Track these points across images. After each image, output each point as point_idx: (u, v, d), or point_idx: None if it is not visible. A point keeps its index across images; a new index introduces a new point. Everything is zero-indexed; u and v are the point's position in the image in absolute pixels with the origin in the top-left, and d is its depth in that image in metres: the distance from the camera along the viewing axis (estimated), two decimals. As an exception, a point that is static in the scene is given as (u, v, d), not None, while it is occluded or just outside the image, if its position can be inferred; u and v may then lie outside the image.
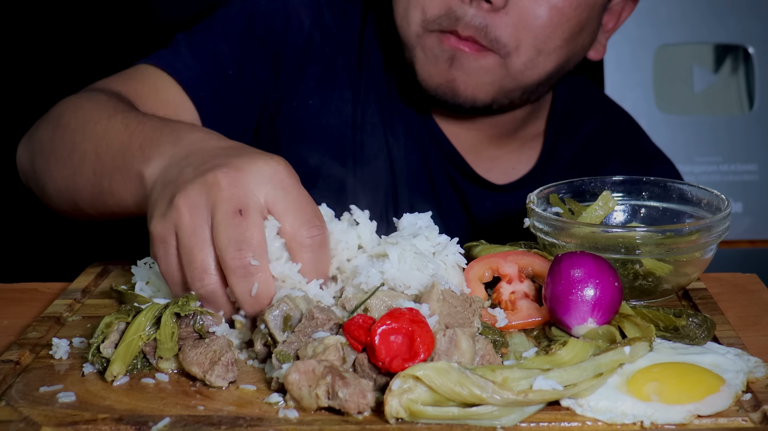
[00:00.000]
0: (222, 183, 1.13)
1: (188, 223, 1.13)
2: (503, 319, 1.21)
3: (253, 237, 1.13)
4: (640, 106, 2.60)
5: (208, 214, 1.13)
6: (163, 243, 1.16)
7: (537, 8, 1.58)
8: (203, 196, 1.14)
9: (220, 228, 1.12)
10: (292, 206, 1.16)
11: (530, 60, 1.61)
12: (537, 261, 1.29)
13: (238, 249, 1.12)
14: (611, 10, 1.74)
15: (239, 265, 1.12)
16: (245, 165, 1.16)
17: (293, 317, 1.13)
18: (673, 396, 1.03)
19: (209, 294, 1.15)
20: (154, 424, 1.02)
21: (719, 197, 1.35)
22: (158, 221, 1.16)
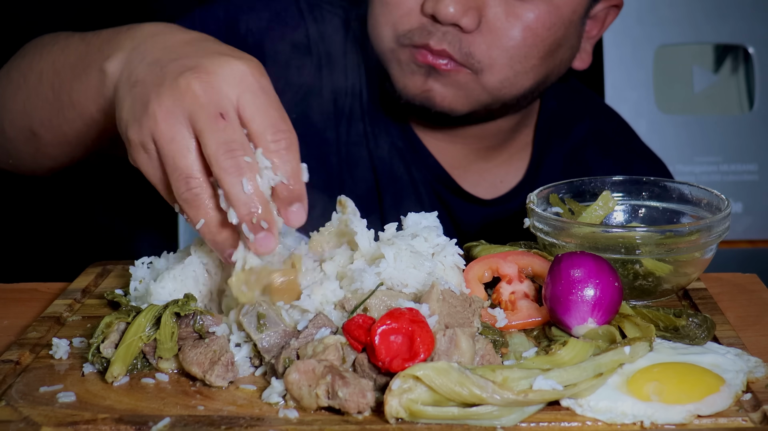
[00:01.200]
0: (196, 88, 1.12)
1: (166, 131, 1.12)
2: (503, 319, 1.21)
3: (240, 139, 1.12)
4: (640, 106, 2.60)
5: (185, 119, 1.12)
6: (144, 149, 1.15)
7: (510, 29, 1.57)
8: (177, 101, 1.12)
9: (207, 134, 1.11)
10: (258, 110, 1.14)
11: (506, 78, 1.60)
12: (537, 262, 1.29)
13: (230, 149, 1.11)
14: (594, 17, 1.72)
15: (233, 164, 1.10)
16: (215, 67, 1.14)
17: (267, 315, 1.13)
18: (673, 396, 1.03)
19: (194, 197, 1.12)
20: (154, 424, 1.02)
21: (719, 197, 1.35)
22: (134, 128, 1.15)
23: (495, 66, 1.58)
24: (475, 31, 1.56)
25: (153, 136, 1.13)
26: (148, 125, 1.13)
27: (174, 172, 1.12)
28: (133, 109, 1.15)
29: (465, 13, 1.54)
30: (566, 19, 1.61)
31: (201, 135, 1.11)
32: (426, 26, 1.57)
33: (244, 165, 1.11)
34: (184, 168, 1.12)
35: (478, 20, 1.55)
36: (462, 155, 1.79)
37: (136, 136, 1.14)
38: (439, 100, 1.62)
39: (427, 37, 1.57)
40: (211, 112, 1.12)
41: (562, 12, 1.60)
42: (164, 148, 1.12)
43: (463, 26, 1.54)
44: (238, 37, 1.72)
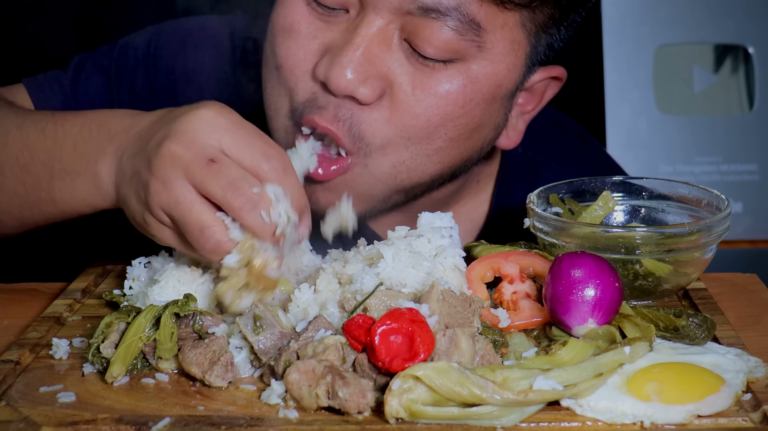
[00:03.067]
0: (176, 150, 1.14)
1: (169, 197, 1.15)
2: (506, 319, 1.21)
3: (238, 173, 1.14)
4: (640, 106, 2.60)
5: (183, 181, 1.14)
6: (162, 225, 1.18)
7: (414, 105, 1.31)
8: (168, 169, 1.14)
9: (207, 183, 1.13)
10: (243, 145, 1.16)
11: (401, 163, 1.35)
12: (538, 262, 1.29)
13: (235, 188, 1.12)
14: (532, 90, 1.45)
15: (245, 200, 1.12)
16: (185, 125, 1.16)
17: (264, 317, 1.13)
18: (673, 396, 1.03)
19: (215, 246, 1.14)
20: (154, 424, 1.02)
21: (719, 197, 1.35)
22: (145, 212, 1.18)
23: (388, 147, 1.33)
24: (372, 105, 1.31)
25: (163, 208, 1.16)
26: (155, 202, 1.16)
27: (188, 230, 1.15)
28: (138, 197, 1.19)
29: (363, 82, 1.28)
30: (487, 95, 1.34)
31: (203, 186, 1.14)
32: (317, 97, 1.32)
33: (255, 197, 1.13)
34: (194, 221, 1.14)
35: (379, 92, 1.30)
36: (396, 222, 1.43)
37: (151, 218, 1.18)
38: (324, 203, 1.35)
39: (315, 111, 1.32)
40: (201, 162, 1.14)
41: (482, 86, 1.32)
42: (174, 213, 1.15)
43: (360, 98, 1.29)
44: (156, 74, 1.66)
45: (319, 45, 1.33)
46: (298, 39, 1.34)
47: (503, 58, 1.33)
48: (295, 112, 1.35)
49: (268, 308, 1.15)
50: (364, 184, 1.37)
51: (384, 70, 1.30)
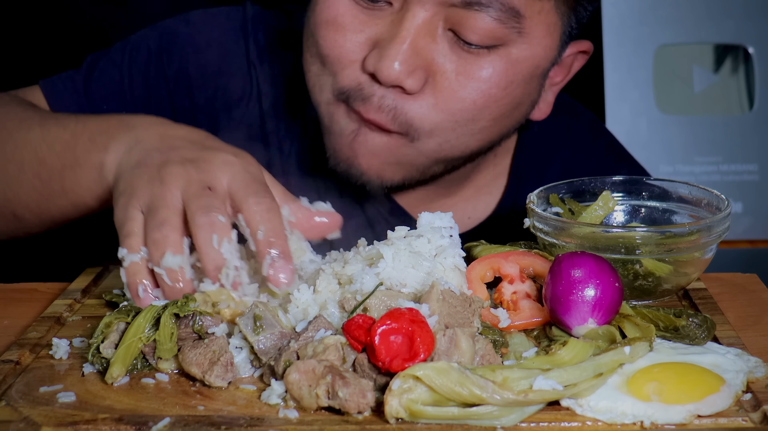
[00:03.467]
0: (192, 173, 1.19)
1: (159, 193, 1.18)
2: (506, 319, 1.21)
3: (220, 205, 1.17)
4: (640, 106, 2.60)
5: (178, 191, 1.18)
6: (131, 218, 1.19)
7: (459, 91, 1.37)
8: (175, 181, 1.18)
9: (192, 201, 1.17)
10: (243, 184, 1.19)
11: (446, 142, 1.42)
12: (538, 262, 1.29)
13: (208, 211, 1.15)
14: (561, 63, 1.53)
15: (207, 221, 1.15)
16: (212, 157, 1.21)
17: (264, 317, 1.13)
18: (673, 396, 1.03)
19: (162, 238, 1.15)
20: (154, 424, 1.02)
21: (719, 197, 1.35)
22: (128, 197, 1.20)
23: (435, 131, 1.40)
24: (418, 94, 1.37)
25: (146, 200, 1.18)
26: (141, 194, 1.19)
27: (153, 218, 1.16)
28: (131, 182, 1.21)
29: (411, 74, 1.34)
30: (526, 76, 1.41)
31: (187, 202, 1.17)
32: (363, 87, 1.38)
33: (218, 223, 1.15)
34: (162, 214, 1.16)
35: (424, 81, 1.36)
36: (422, 195, 1.61)
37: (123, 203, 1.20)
38: (365, 167, 1.44)
39: (361, 103, 1.38)
40: (200, 185, 1.18)
41: (522, 68, 1.40)
42: (153, 204, 1.17)
43: (407, 88, 1.35)
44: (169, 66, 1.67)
45: (366, 38, 1.39)
46: (345, 32, 1.39)
47: (540, 41, 1.40)
48: (339, 94, 1.42)
49: (268, 308, 1.15)
50: (408, 155, 1.43)
51: (429, 60, 1.36)
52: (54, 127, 1.41)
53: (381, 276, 1.18)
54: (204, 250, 1.15)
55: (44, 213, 1.44)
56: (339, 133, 1.44)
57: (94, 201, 1.35)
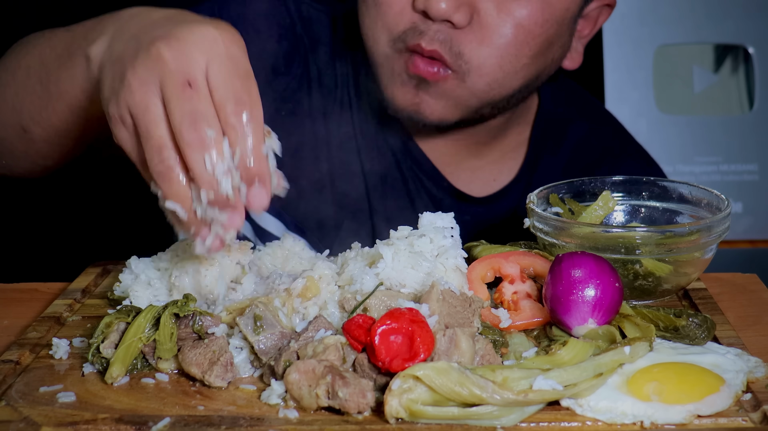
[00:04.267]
0: (165, 55, 1.11)
1: (140, 100, 1.11)
2: (507, 320, 1.21)
3: (206, 110, 1.10)
4: (640, 106, 2.60)
5: (157, 88, 1.11)
6: (122, 122, 1.14)
7: (502, 26, 1.54)
8: (149, 70, 1.11)
9: (172, 104, 1.09)
10: (223, 79, 1.12)
11: (494, 80, 1.57)
12: (538, 262, 1.29)
13: (193, 121, 1.09)
14: (587, 16, 1.69)
15: (195, 138, 1.08)
16: (186, 34, 1.13)
17: (264, 317, 1.13)
18: (673, 396, 1.03)
19: (166, 170, 1.10)
20: (154, 424, 1.02)
21: (719, 197, 1.35)
22: (112, 101, 1.14)
23: (483, 67, 1.55)
24: (466, 28, 1.53)
25: (129, 107, 1.11)
26: (124, 97, 1.11)
27: (147, 142, 1.10)
28: (112, 84, 1.15)
29: (457, 9, 1.51)
30: (559, 17, 1.58)
31: (168, 104, 1.10)
32: (417, 25, 1.55)
33: (208, 140, 1.08)
34: (157, 138, 1.10)
35: (470, 16, 1.53)
36: (453, 152, 1.77)
37: (114, 109, 1.13)
38: (428, 112, 1.60)
39: (419, 37, 1.54)
40: (178, 80, 1.10)
41: (555, 9, 1.57)
42: (138, 118, 1.11)
43: (455, 22, 1.51)
44: None
45: None
46: None
47: None
48: (397, 41, 1.56)
49: (268, 308, 1.15)
50: (462, 95, 1.58)
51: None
52: (60, 31, 1.40)
53: (381, 276, 1.18)
54: (197, 174, 1.09)
55: (45, 120, 1.40)
56: (401, 82, 1.59)
57: (85, 97, 1.30)
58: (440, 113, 1.60)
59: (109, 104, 1.14)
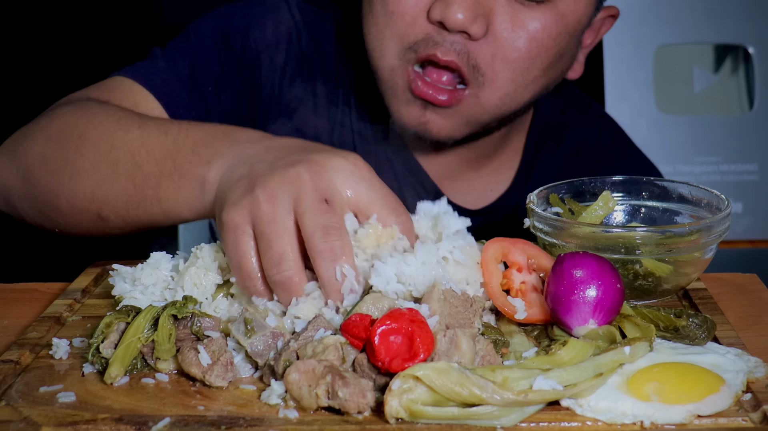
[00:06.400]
0: (305, 176, 1.15)
1: (267, 212, 1.13)
2: (523, 311, 1.19)
3: (339, 224, 1.14)
4: (640, 106, 2.60)
5: (289, 204, 1.14)
6: (237, 230, 1.15)
7: (516, 40, 1.51)
8: (285, 187, 1.14)
9: (307, 215, 1.13)
10: (377, 198, 1.18)
11: (506, 95, 1.55)
12: (543, 255, 1.27)
13: (327, 233, 1.13)
14: (591, 27, 1.68)
15: (327, 248, 1.12)
16: (325, 161, 1.18)
17: (254, 320, 1.13)
18: (673, 396, 1.03)
19: (285, 280, 1.13)
20: (154, 424, 1.02)
21: (719, 197, 1.35)
22: (232, 209, 1.16)
23: (497, 80, 1.53)
24: (482, 40, 1.50)
25: (252, 216, 1.14)
26: (248, 206, 1.14)
27: (267, 251, 1.13)
28: (234, 195, 1.17)
29: (474, 20, 1.48)
30: (571, 29, 1.56)
31: (302, 217, 1.13)
32: (432, 36, 1.51)
33: (339, 250, 1.12)
34: (278, 248, 1.13)
35: (486, 27, 1.50)
36: (453, 165, 1.75)
37: (234, 216, 1.15)
38: (435, 131, 1.57)
39: (433, 47, 1.51)
40: (316, 196, 1.14)
41: (568, 21, 1.55)
42: (261, 227, 1.14)
43: (472, 34, 1.48)
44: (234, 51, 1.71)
45: None
46: None
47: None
48: (407, 51, 1.53)
49: (258, 310, 1.15)
50: (474, 113, 1.56)
51: (489, 9, 1.50)
52: (155, 132, 1.39)
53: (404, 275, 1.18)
54: (326, 282, 1.13)
55: (131, 217, 1.41)
56: (406, 101, 1.56)
57: (189, 213, 1.33)
58: (448, 131, 1.58)
59: (227, 212, 1.17)
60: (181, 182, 1.32)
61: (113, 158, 1.41)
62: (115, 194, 1.41)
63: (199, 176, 1.29)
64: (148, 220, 1.40)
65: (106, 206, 1.43)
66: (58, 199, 1.48)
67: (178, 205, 1.33)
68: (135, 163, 1.38)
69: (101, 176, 1.42)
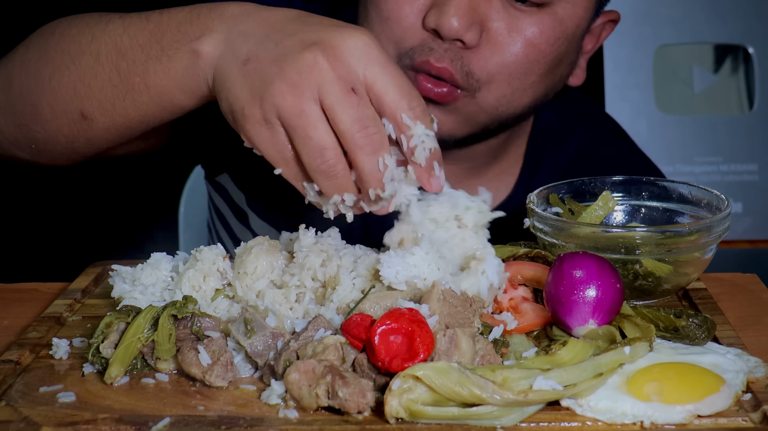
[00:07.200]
0: (323, 63, 1.13)
1: (294, 104, 1.12)
2: (512, 322, 1.20)
3: (373, 115, 1.14)
4: (640, 106, 2.60)
5: (314, 94, 1.13)
6: (267, 124, 1.14)
7: (512, 45, 1.50)
8: (305, 76, 1.13)
9: (340, 109, 1.12)
10: (390, 81, 1.16)
11: (503, 96, 1.54)
12: (524, 268, 1.28)
13: (364, 126, 1.12)
14: (591, 32, 1.66)
15: (368, 142, 1.12)
16: (339, 41, 1.15)
17: (254, 320, 1.13)
18: (673, 396, 1.03)
19: (330, 168, 1.13)
20: (154, 424, 1.02)
21: (719, 197, 1.35)
22: (254, 103, 1.14)
23: (493, 83, 1.52)
24: (476, 48, 1.49)
25: (278, 111, 1.13)
26: (272, 100, 1.13)
27: (306, 144, 1.13)
28: (250, 86, 1.15)
29: (468, 28, 1.46)
30: (569, 34, 1.55)
31: (332, 110, 1.12)
32: (427, 42, 1.50)
33: (378, 142, 1.13)
34: (317, 139, 1.12)
35: (480, 35, 1.49)
36: (452, 174, 1.67)
37: (257, 111, 1.14)
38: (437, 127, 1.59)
39: (428, 53, 1.49)
40: (342, 86, 1.13)
41: (566, 26, 1.53)
42: (293, 121, 1.12)
43: (466, 41, 1.47)
44: None
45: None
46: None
47: (581, 2, 1.55)
48: (403, 57, 1.52)
49: (258, 311, 1.15)
50: (472, 111, 1.55)
51: (484, 16, 1.49)
52: (136, 19, 1.34)
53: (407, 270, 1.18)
54: (369, 174, 1.13)
55: (118, 111, 1.35)
56: None
57: (184, 96, 1.28)
58: (448, 129, 1.56)
59: (247, 105, 1.15)
60: (170, 63, 1.27)
61: (94, 49, 1.35)
62: (99, 86, 1.35)
63: (191, 52, 1.24)
64: (138, 114, 1.34)
65: (89, 102, 1.36)
66: (39, 103, 1.40)
67: (170, 88, 1.28)
68: (118, 51, 1.33)
69: (83, 69, 1.36)
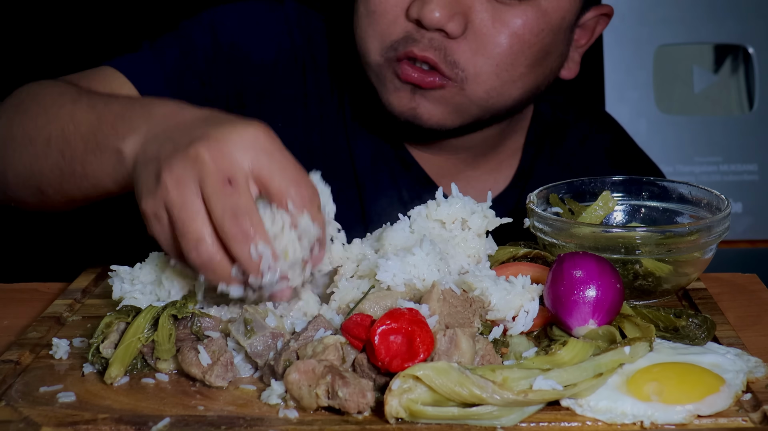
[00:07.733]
0: (204, 156, 1.14)
1: (176, 198, 1.14)
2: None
3: (246, 204, 1.14)
4: (640, 106, 2.60)
5: (196, 186, 1.14)
6: (157, 219, 1.17)
7: (496, 36, 1.51)
8: (188, 170, 1.15)
9: (213, 199, 1.13)
10: (276, 168, 1.16)
11: (492, 89, 1.55)
12: (524, 268, 1.28)
13: (234, 216, 1.13)
14: (584, 26, 1.67)
15: (238, 232, 1.12)
16: (225, 135, 1.16)
17: (254, 320, 1.13)
18: (673, 396, 1.03)
19: (207, 262, 1.14)
20: (154, 424, 1.02)
21: (719, 197, 1.35)
22: (147, 199, 1.17)
23: (480, 75, 1.53)
24: (461, 38, 1.51)
25: (166, 205, 1.15)
26: (160, 195, 1.15)
27: (184, 236, 1.14)
28: (147, 183, 1.18)
29: (451, 18, 1.48)
30: (555, 26, 1.56)
31: (208, 201, 1.14)
32: (411, 34, 1.52)
33: (249, 231, 1.13)
34: (193, 231, 1.13)
35: (464, 26, 1.50)
36: (449, 164, 1.75)
37: (150, 207, 1.17)
38: (426, 117, 1.58)
39: (411, 44, 1.52)
40: (218, 178, 1.14)
41: (551, 18, 1.54)
42: (175, 214, 1.14)
43: (449, 31, 1.49)
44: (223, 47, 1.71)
45: None
46: None
47: None
48: (388, 50, 1.55)
49: (257, 311, 1.15)
50: (462, 102, 1.56)
51: (467, 7, 1.51)
52: (84, 106, 1.39)
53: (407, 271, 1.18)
54: (244, 263, 1.14)
55: (66, 192, 1.42)
56: (395, 89, 1.57)
57: (115, 187, 1.33)
58: (438, 118, 1.58)
59: (143, 202, 1.18)
60: (102, 157, 1.32)
61: (47, 133, 1.42)
62: (49, 168, 1.41)
63: (117, 151, 1.28)
64: (82, 195, 1.41)
65: (42, 181, 1.43)
66: (6, 172, 1.50)
67: (103, 179, 1.33)
68: (64, 138, 1.39)
69: (38, 150, 1.43)
